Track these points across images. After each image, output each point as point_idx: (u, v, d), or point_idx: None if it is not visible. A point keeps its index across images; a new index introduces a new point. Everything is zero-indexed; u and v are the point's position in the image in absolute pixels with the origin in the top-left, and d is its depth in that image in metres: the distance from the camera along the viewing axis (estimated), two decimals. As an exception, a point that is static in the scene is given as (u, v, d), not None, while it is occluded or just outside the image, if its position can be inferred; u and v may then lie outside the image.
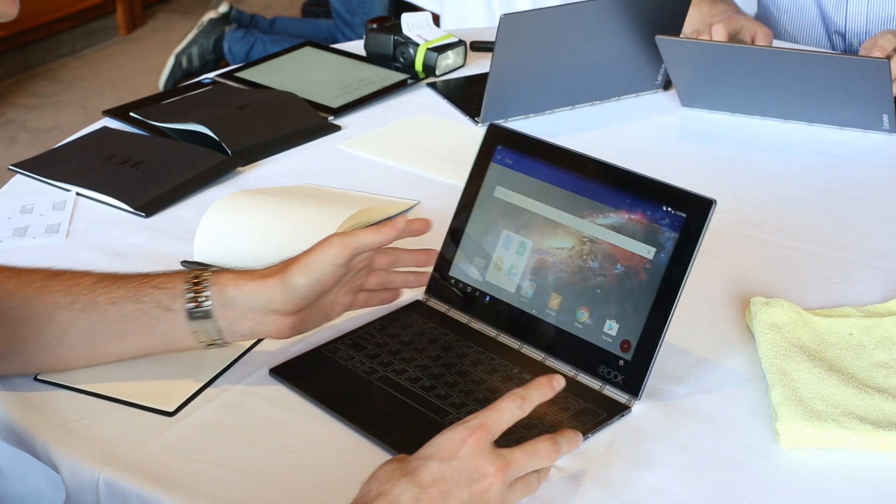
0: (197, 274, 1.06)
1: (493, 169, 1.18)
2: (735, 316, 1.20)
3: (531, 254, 1.14)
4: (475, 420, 0.91)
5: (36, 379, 1.10)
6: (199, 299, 1.05)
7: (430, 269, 1.20)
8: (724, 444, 1.02)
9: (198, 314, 1.05)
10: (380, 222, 1.36)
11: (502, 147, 1.18)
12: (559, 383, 0.96)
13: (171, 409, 1.06)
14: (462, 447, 0.88)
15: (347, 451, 1.01)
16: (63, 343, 1.06)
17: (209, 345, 1.08)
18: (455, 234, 1.19)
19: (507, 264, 1.15)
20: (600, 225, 1.09)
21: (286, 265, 1.08)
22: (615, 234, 1.08)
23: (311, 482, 0.98)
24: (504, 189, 1.17)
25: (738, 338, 1.17)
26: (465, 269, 1.18)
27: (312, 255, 1.08)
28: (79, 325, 1.05)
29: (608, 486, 0.97)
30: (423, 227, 1.15)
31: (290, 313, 1.08)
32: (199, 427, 1.04)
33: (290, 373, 1.11)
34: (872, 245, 1.35)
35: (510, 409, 0.93)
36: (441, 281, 1.20)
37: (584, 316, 1.09)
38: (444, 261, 1.20)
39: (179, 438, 1.03)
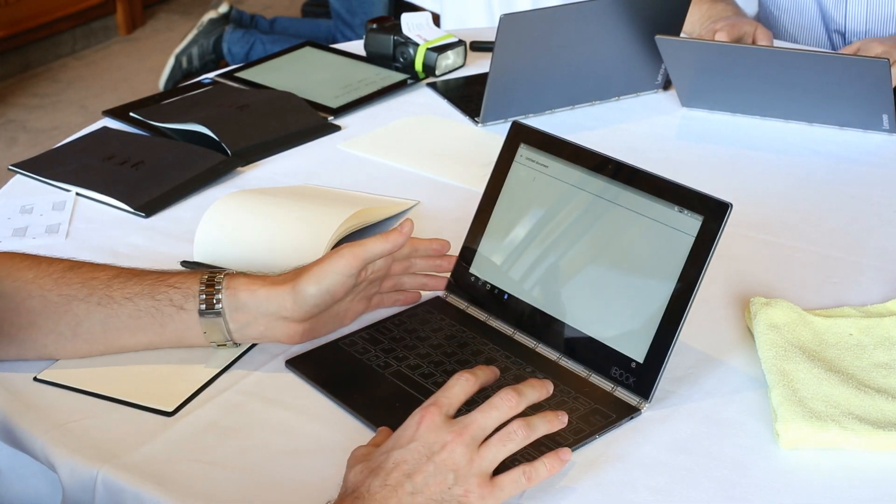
0: (211, 276, 1.08)
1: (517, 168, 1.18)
2: (735, 316, 1.20)
3: (551, 254, 1.14)
4: (427, 402, 0.94)
5: (35, 379, 1.10)
6: (212, 301, 1.07)
7: (446, 274, 1.21)
8: (724, 445, 1.02)
9: (209, 315, 1.07)
10: (385, 226, 1.36)
11: (525, 145, 1.18)
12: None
13: (170, 409, 1.06)
14: (418, 429, 0.92)
15: (348, 451, 1.00)
16: (77, 334, 1.08)
17: (219, 345, 1.10)
18: (476, 232, 1.20)
19: (527, 263, 1.15)
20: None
21: (298, 273, 1.09)
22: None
23: (311, 482, 0.97)
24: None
25: (738, 338, 1.17)
26: (485, 267, 1.18)
27: (324, 265, 1.09)
28: (92, 318, 1.07)
29: (607, 486, 0.97)
30: (442, 248, 1.19)
31: (300, 321, 1.09)
32: (198, 427, 1.04)
33: (306, 364, 1.12)
34: (872, 245, 1.35)
35: (458, 383, 0.96)
36: (461, 278, 1.20)
37: (599, 317, 1.09)
38: (464, 258, 1.20)
39: (178, 438, 1.03)
